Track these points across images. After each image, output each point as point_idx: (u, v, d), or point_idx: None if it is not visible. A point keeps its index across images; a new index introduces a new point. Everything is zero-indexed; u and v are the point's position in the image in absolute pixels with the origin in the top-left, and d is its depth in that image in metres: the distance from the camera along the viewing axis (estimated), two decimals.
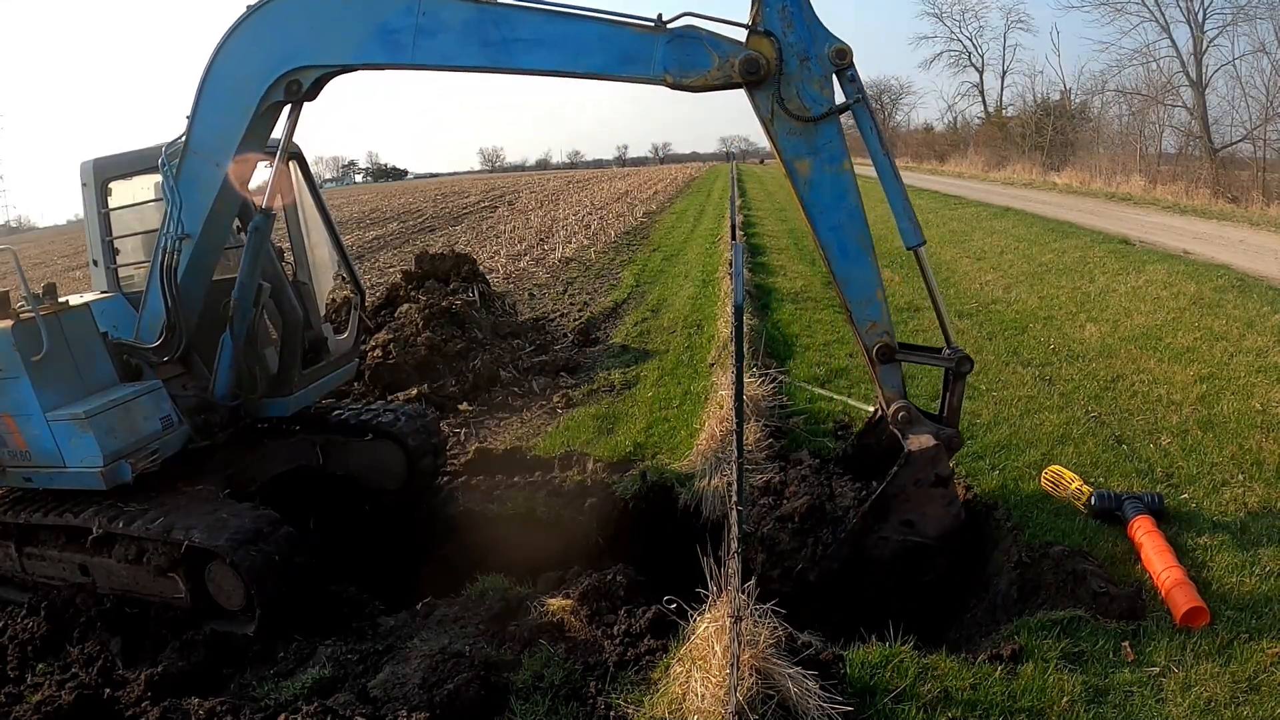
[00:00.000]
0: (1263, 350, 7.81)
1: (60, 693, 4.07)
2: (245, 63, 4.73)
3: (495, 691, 3.85)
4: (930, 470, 4.22)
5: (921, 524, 4.27)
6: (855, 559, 4.28)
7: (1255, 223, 18.13)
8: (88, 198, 5.59)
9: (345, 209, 47.83)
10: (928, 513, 4.26)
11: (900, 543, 4.25)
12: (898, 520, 4.25)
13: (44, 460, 4.96)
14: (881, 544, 4.27)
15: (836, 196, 4.39)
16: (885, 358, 4.47)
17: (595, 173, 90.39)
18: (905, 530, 4.22)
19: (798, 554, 4.41)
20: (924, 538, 4.24)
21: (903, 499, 4.24)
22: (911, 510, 4.24)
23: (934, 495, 4.21)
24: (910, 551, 4.25)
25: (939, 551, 4.30)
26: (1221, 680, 3.52)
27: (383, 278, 18.26)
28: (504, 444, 7.69)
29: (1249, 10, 28.51)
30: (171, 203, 5.04)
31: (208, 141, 4.92)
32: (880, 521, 4.26)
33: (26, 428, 4.93)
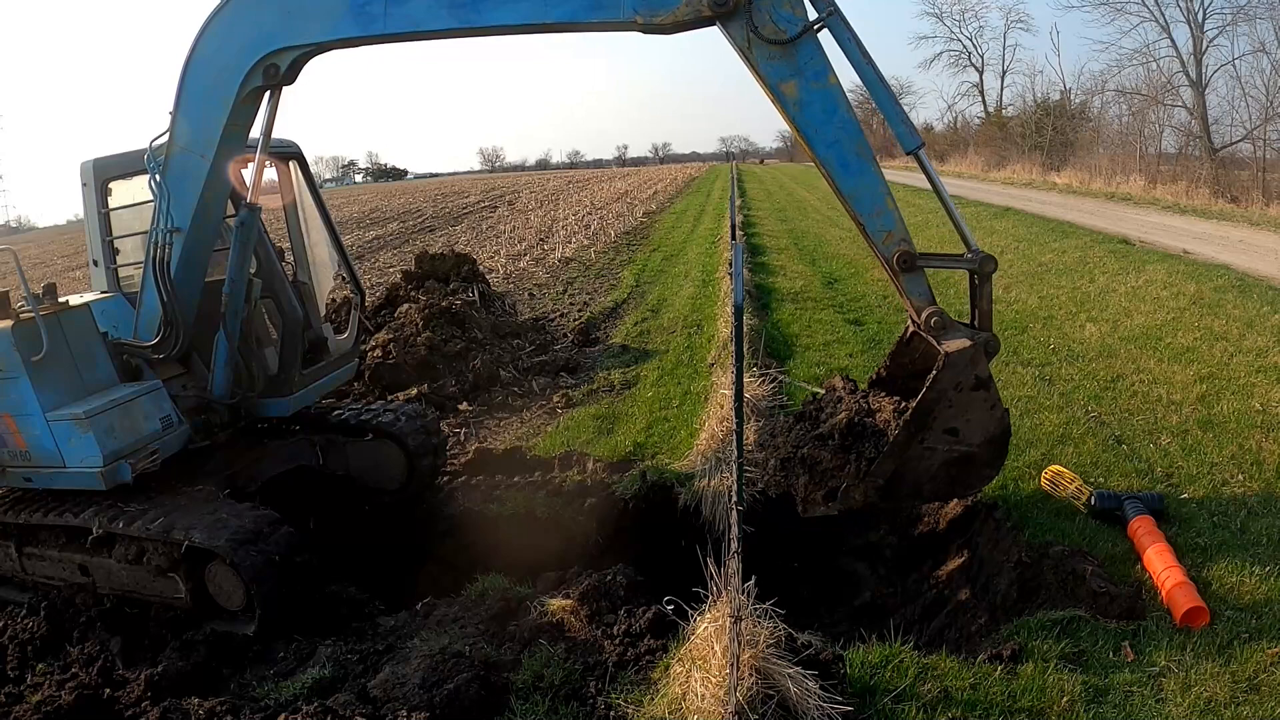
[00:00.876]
0: (1263, 350, 7.82)
1: (60, 693, 4.07)
2: (222, 52, 4.76)
3: (495, 691, 3.85)
4: (970, 372, 4.04)
5: (966, 431, 4.07)
6: (901, 473, 4.13)
7: (1255, 223, 18.14)
8: (88, 198, 5.60)
9: (345, 209, 47.83)
10: (971, 419, 4.07)
11: (946, 453, 4.10)
12: (941, 429, 4.08)
13: (44, 460, 4.96)
14: (927, 455, 4.11)
15: (828, 112, 4.27)
16: (906, 265, 4.35)
17: (595, 173, 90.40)
18: (950, 440, 4.06)
19: (841, 471, 4.21)
20: (970, 446, 4.07)
21: (944, 405, 4.04)
22: (954, 417, 4.06)
23: (975, 400, 4.02)
24: (957, 462, 4.09)
25: (986, 461, 4.15)
26: (1221, 680, 3.52)
27: (383, 278, 18.25)
28: (504, 444, 7.69)
29: (1249, 10, 28.53)
30: (160, 198, 5.04)
31: (191, 135, 4.93)
32: (923, 431, 4.08)
33: (27, 428, 4.93)
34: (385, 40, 4.64)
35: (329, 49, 4.78)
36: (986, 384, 4.08)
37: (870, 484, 4.16)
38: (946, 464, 4.15)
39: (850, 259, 15.99)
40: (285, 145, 6.21)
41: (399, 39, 4.63)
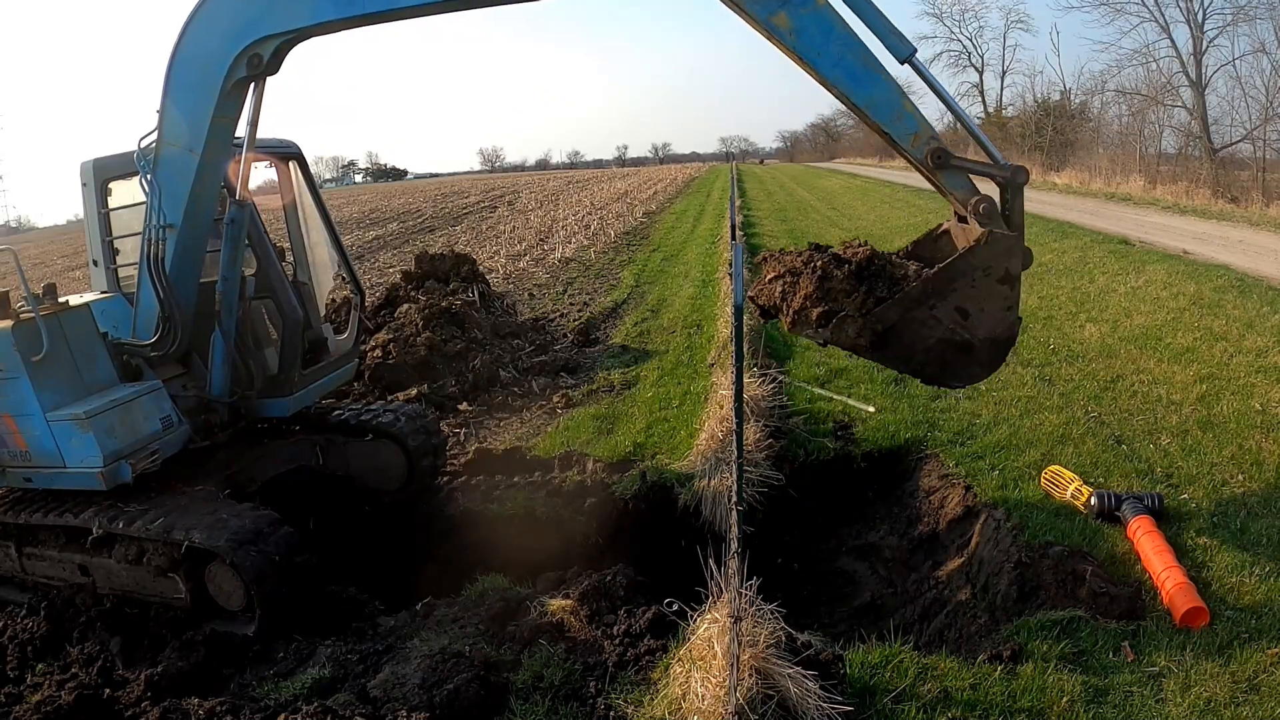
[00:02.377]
0: (1262, 350, 7.82)
1: (60, 693, 4.07)
2: (205, 46, 4.78)
3: (495, 691, 3.85)
4: (1003, 261, 3.92)
5: (976, 319, 3.96)
6: (900, 330, 3.98)
7: (1255, 223, 18.14)
8: (87, 198, 5.59)
9: (345, 209, 47.83)
10: (985, 309, 3.96)
11: (949, 331, 3.97)
12: (954, 305, 3.95)
13: (44, 460, 4.96)
14: (931, 324, 3.98)
15: (824, 32, 4.14)
16: (940, 161, 4.13)
17: (595, 173, 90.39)
18: (957, 320, 3.94)
19: (846, 298, 4.02)
20: (973, 336, 3.97)
21: (967, 282, 3.92)
22: (971, 300, 3.93)
23: (996, 292, 3.92)
24: (955, 346, 3.98)
25: (982, 360, 4.06)
26: (1221, 680, 3.53)
27: (382, 278, 18.25)
28: (504, 444, 7.69)
29: (1249, 10, 28.50)
30: (152, 194, 5.05)
31: (179, 130, 4.94)
32: (938, 297, 3.95)
33: (27, 428, 4.93)
34: (363, 22, 4.67)
35: (311, 35, 4.79)
36: (1012, 282, 3.97)
37: (869, 324, 3.97)
38: (944, 343, 4.03)
39: None
40: (285, 145, 6.21)
41: (376, 19, 4.66)
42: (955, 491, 5.67)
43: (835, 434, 6.85)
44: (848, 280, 4.10)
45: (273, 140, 6.11)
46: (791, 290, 4.16)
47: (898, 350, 4.09)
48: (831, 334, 4.00)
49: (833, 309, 4.05)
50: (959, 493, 5.63)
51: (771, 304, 4.35)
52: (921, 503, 5.90)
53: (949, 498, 5.67)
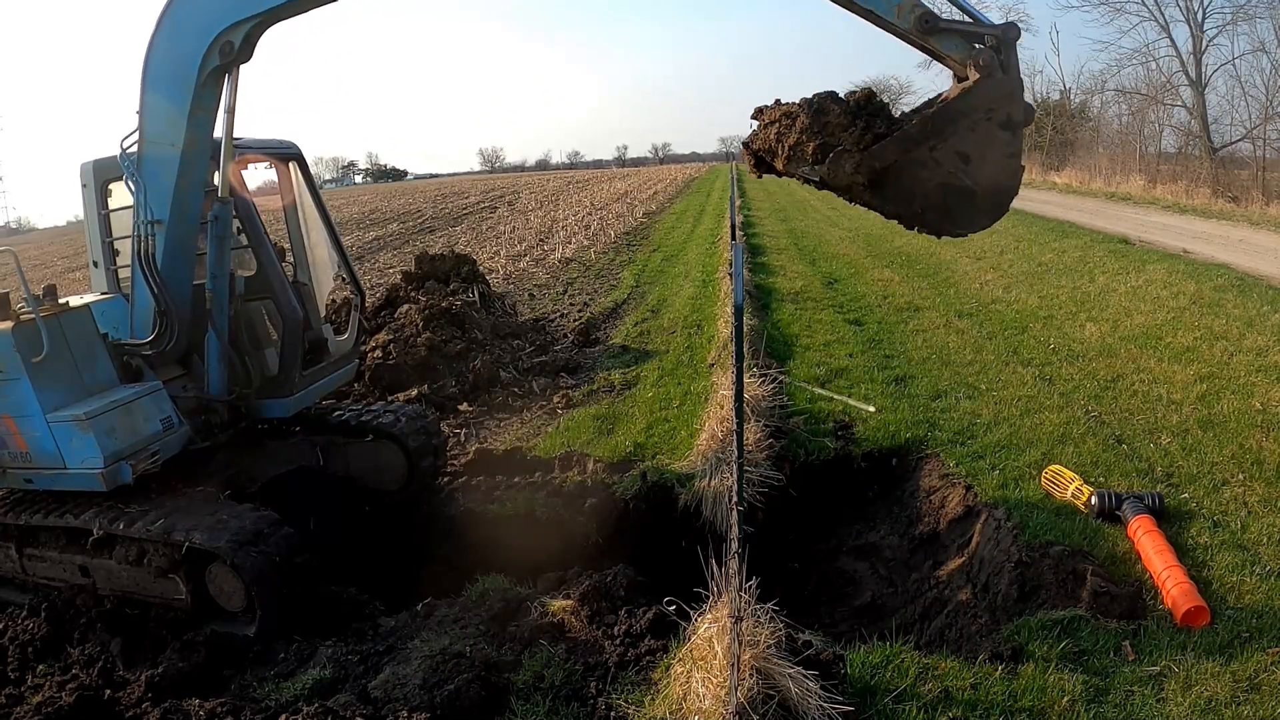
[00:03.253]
0: (1263, 349, 7.82)
1: (61, 694, 4.07)
2: (177, 41, 4.86)
3: (496, 692, 3.85)
4: (1004, 106, 3.74)
5: (978, 164, 3.80)
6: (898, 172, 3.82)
7: (1255, 222, 18.14)
8: (88, 199, 5.59)
9: (345, 209, 47.84)
10: (987, 155, 3.79)
11: (949, 175, 3.80)
12: (955, 148, 3.78)
13: (45, 461, 4.96)
14: (931, 166, 3.80)
15: None
16: (929, 26, 3.84)
17: (595, 173, 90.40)
18: (958, 163, 3.77)
19: (844, 132, 3.83)
20: (974, 183, 3.80)
21: (968, 124, 3.76)
22: (972, 144, 3.78)
23: (998, 138, 3.76)
24: (955, 191, 3.81)
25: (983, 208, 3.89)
26: (1222, 680, 3.52)
27: (383, 278, 18.26)
28: (504, 444, 7.69)
29: (1248, 10, 28.53)
30: (137, 192, 5.07)
31: (159, 127, 4.99)
32: (938, 138, 3.78)
33: (27, 429, 4.92)
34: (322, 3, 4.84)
35: (278, 17, 4.90)
36: (1015, 129, 3.79)
37: (866, 160, 3.77)
38: (944, 187, 3.85)
39: (850, 259, 16.00)
40: (285, 146, 6.21)
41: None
42: (956, 491, 5.67)
43: (835, 434, 6.85)
44: (845, 115, 3.86)
45: (273, 141, 6.11)
46: (787, 131, 3.91)
47: (896, 193, 3.89)
48: (828, 170, 3.79)
49: (829, 143, 3.80)
50: (959, 492, 5.63)
51: (767, 148, 4.08)
52: (922, 502, 5.90)
53: (949, 497, 5.67)
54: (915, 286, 12.65)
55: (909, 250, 16.63)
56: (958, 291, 12.14)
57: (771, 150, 4.04)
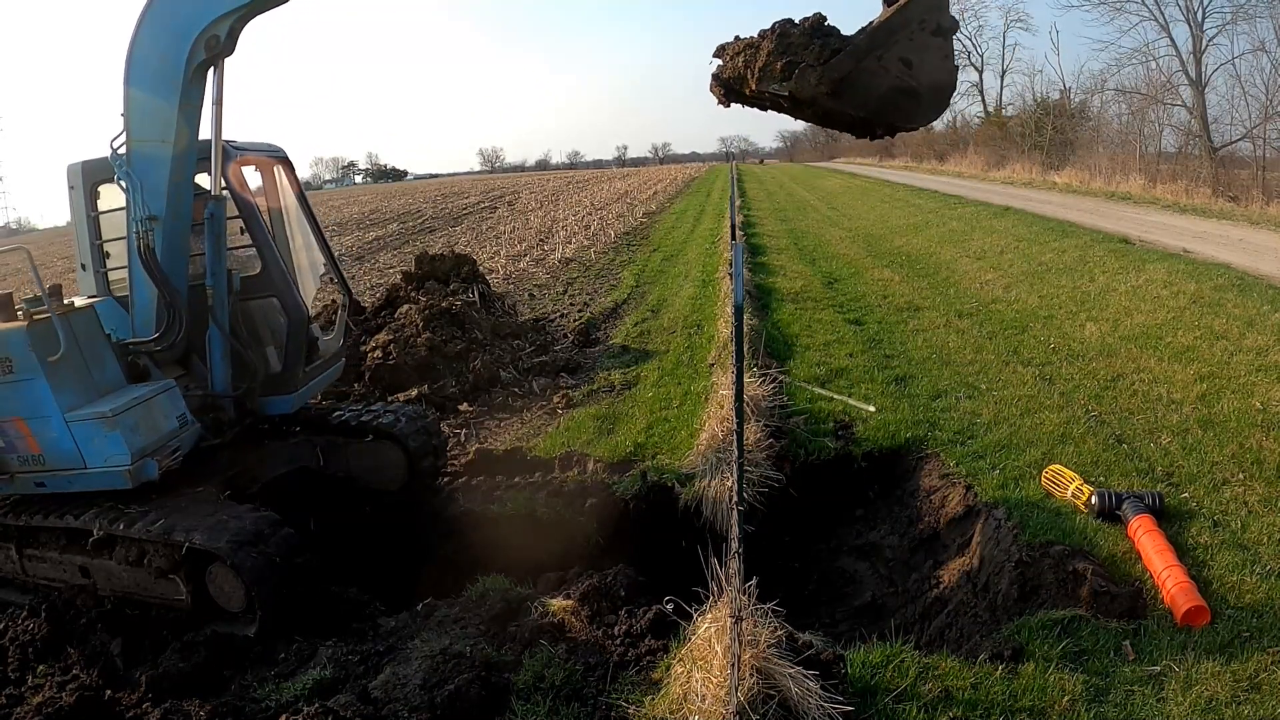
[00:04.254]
0: (1263, 349, 7.81)
1: (61, 694, 4.08)
2: (161, 38, 4.90)
3: (496, 692, 3.85)
4: (934, 15, 4.24)
5: (919, 68, 4.30)
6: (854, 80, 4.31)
7: (1255, 221, 18.13)
8: (76, 201, 5.55)
9: (345, 210, 47.83)
10: (925, 60, 4.29)
11: (896, 79, 4.31)
12: (897, 56, 4.28)
13: (61, 463, 4.91)
14: (881, 74, 4.30)
15: None
16: None
17: (595, 173, 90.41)
18: (903, 69, 4.28)
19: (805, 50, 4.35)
20: (918, 83, 4.32)
21: (906, 35, 4.26)
22: (912, 51, 4.29)
23: (933, 44, 4.28)
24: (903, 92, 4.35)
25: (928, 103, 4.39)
26: (1222, 679, 3.52)
27: (383, 278, 18.26)
28: (504, 444, 7.69)
29: (1248, 9, 28.51)
30: (131, 190, 5.08)
31: (148, 125, 5.02)
32: (883, 49, 4.27)
33: (42, 430, 4.87)
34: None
35: (260, 9, 4.99)
36: (946, 34, 4.31)
37: (827, 73, 4.24)
38: (894, 89, 4.33)
39: (850, 259, 16.00)
40: (271, 149, 6.26)
41: None
42: (956, 491, 5.67)
43: (836, 434, 6.85)
44: (805, 35, 4.37)
45: (260, 144, 6.11)
46: (754, 56, 4.44)
47: (853, 99, 4.35)
48: (796, 84, 4.27)
49: (794, 60, 4.30)
50: (959, 492, 5.63)
51: (736, 74, 4.58)
52: (922, 502, 5.90)
53: (949, 497, 5.67)
54: (915, 286, 12.66)
55: (909, 250, 16.63)
56: (958, 291, 12.14)
57: (740, 76, 4.55)
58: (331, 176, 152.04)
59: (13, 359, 4.76)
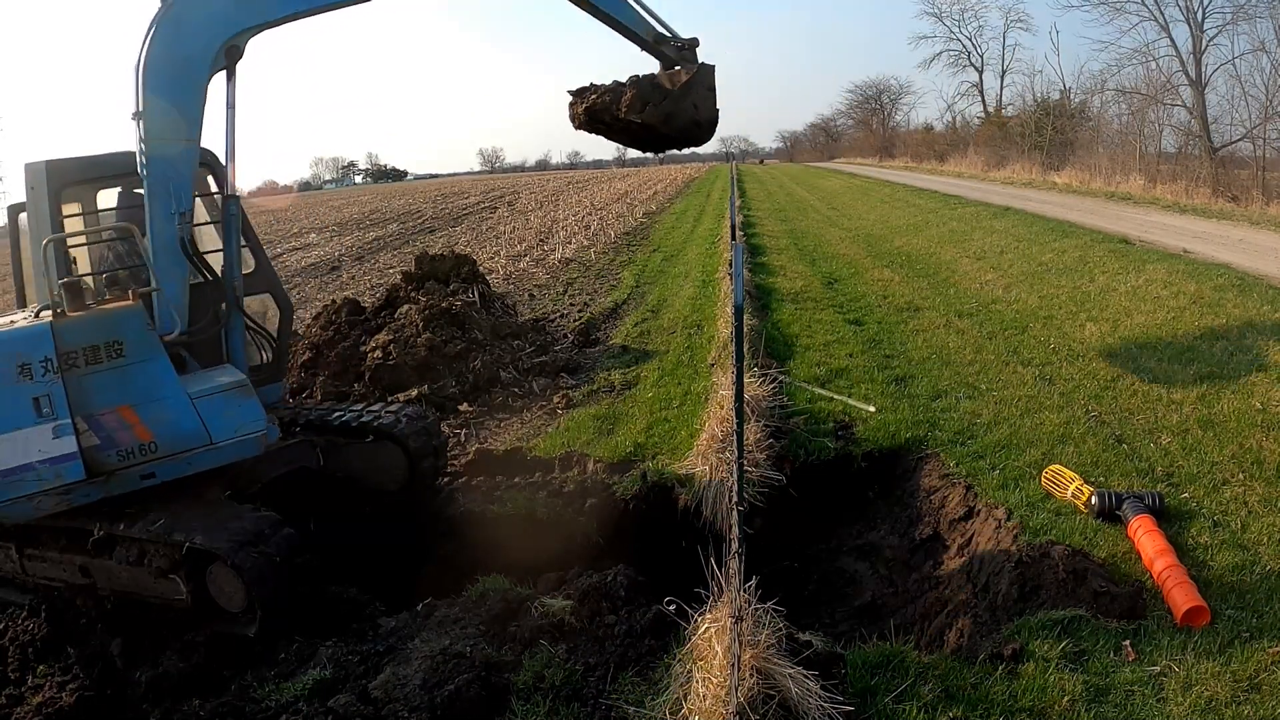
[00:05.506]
0: (1263, 349, 7.82)
1: (61, 694, 4.08)
2: (182, 45, 5.09)
3: (496, 692, 3.85)
4: (710, 79, 6.75)
5: (701, 109, 6.74)
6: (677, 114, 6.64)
7: (1255, 222, 18.13)
8: (36, 203, 5.37)
9: (345, 210, 47.82)
10: (705, 104, 6.75)
11: (693, 113, 6.71)
12: (693, 102, 6.66)
13: (180, 445, 4.80)
14: (688, 110, 6.67)
15: None
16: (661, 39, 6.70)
17: (595, 173, 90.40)
18: (694, 110, 6.69)
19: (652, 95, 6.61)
20: (701, 119, 6.75)
21: (697, 89, 6.66)
22: (699, 99, 6.70)
23: (709, 96, 6.77)
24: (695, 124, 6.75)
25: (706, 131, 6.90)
26: (1222, 679, 3.52)
27: (383, 278, 18.27)
28: (504, 445, 7.69)
29: (1248, 9, 28.48)
30: (159, 189, 5.13)
31: (170, 125, 5.14)
32: (689, 97, 6.63)
33: (156, 414, 4.72)
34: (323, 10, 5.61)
35: (277, 25, 5.44)
36: (713, 89, 6.80)
37: (663, 110, 6.58)
38: (691, 121, 6.71)
39: (850, 259, 16.00)
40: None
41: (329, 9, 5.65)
42: (956, 491, 5.67)
43: (836, 434, 6.85)
44: (650, 86, 6.69)
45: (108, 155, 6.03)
46: (620, 97, 6.67)
47: (673, 125, 6.68)
48: (647, 115, 6.58)
49: (646, 100, 6.60)
50: (959, 492, 5.63)
51: (603, 106, 6.78)
52: (922, 502, 5.90)
53: (949, 497, 5.67)
54: (915, 286, 12.66)
55: (909, 250, 16.64)
56: (958, 291, 12.14)
57: (606, 108, 6.77)
58: (331, 176, 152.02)
59: (124, 341, 4.63)
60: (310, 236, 32.09)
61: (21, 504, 4.54)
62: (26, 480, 4.51)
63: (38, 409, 4.48)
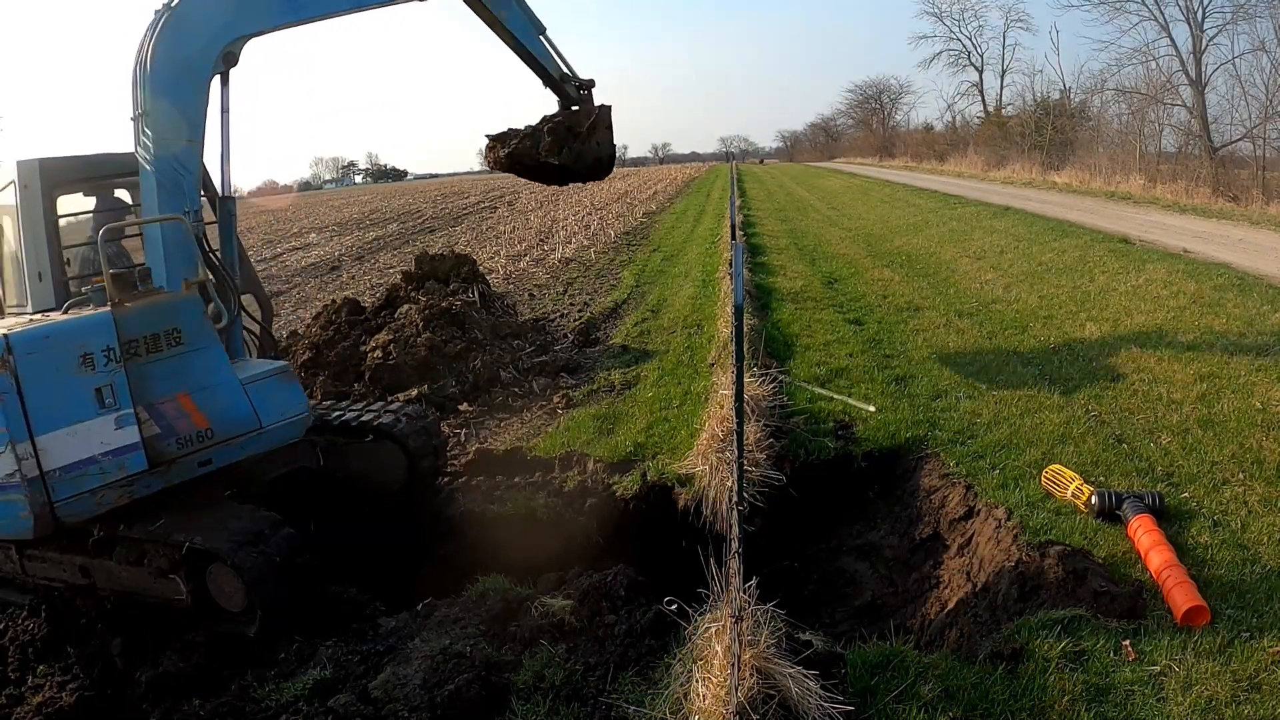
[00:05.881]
0: (1263, 349, 7.82)
1: (61, 694, 4.08)
2: (184, 49, 5.19)
3: (496, 692, 3.85)
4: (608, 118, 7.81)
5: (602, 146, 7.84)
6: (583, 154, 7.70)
7: (1255, 221, 18.13)
8: (29, 203, 5.20)
9: (345, 210, 47.82)
10: (605, 141, 7.84)
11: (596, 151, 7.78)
12: (595, 140, 7.72)
13: (233, 430, 4.88)
14: (591, 149, 7.72)
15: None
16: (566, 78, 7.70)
17: None
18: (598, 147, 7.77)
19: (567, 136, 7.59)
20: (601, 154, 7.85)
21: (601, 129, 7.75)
22: (600, 137, 7.76)
23: (607, 134, 7.84)
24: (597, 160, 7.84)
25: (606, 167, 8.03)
26: (1222, 679, 3.52)
27: (383, 278, 18.27)
28: (504, 444, 7.69)
29: (1248, 9, 28.47)
30: (170, 186, 5.17)
31: (174, 126, 5.22)
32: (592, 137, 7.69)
33: (212, 400, 4.76)
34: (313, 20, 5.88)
35: (271, 32, 5.63)
36: (610, 128, 7.84)
37: (572, 152, 7.61)
38: (596, 158, 7.79)
39: (850, 259, 16.00)
40: None
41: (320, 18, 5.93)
42: (956, 491, 5.67)
43: (836, 434, 6.85)
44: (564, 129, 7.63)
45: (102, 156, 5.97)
46: (537, 141, 7.62)
47: (582, 162, 7.73)
48: (563, 156, 7.59)
49: (563, 142, 7.60)
50: (959, 492, 5.63)
51: (523, 150, 7.70)
52: (922, 502, 5.90)
53: (949, 497, 5.67)
54: (915, 286, 12.66)
55: (909, 250, 16.63)
56: (958, 291, 12.14)
57: (525, 152, 7.70)
58: (331, 176, 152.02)
59: (183, 330, 4.68)
60: (310, 236, 32.12)
61: (84, 500, 4.46)
62: (89, 475, 4.44)
63: (100, 400, 4.44)
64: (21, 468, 4.18)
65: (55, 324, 4.53)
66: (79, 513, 4.48)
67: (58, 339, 4.36)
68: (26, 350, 4.20)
